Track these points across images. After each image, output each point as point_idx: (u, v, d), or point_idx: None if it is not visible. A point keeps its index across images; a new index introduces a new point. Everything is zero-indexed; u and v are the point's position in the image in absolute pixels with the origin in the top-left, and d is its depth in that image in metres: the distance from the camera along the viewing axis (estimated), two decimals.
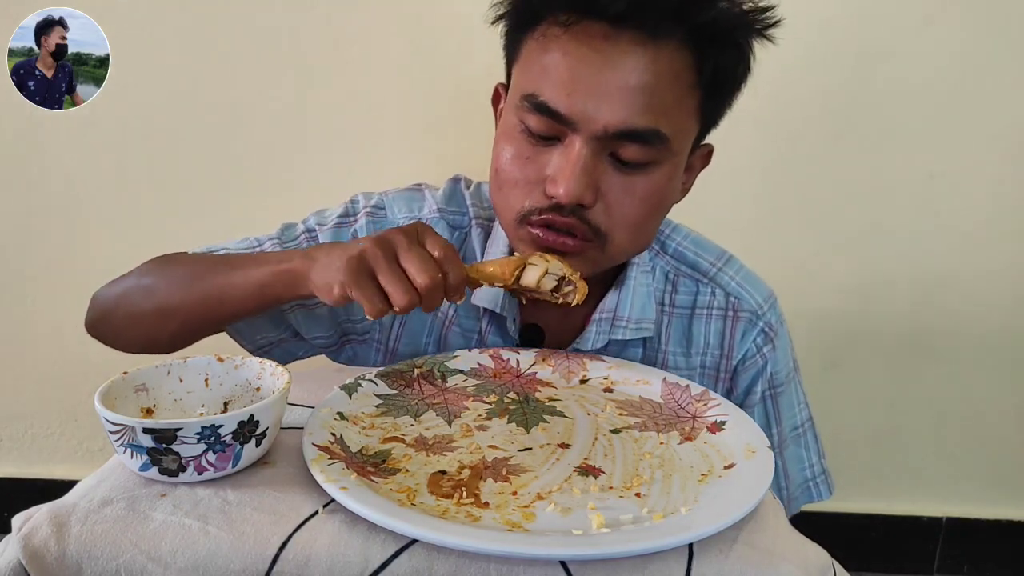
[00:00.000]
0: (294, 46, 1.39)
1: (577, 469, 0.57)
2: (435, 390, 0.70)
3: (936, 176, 1.44)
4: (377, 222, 0.84)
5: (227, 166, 1.46)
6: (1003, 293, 1.49)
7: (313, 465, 0.52)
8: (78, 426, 1.63)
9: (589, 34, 0.66)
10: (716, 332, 0.84)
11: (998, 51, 1.37)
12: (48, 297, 1.54)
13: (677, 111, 0.69)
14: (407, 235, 0.62)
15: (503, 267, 0.66)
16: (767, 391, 0.85)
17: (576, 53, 0.67)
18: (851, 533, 1.62)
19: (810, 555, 0.49)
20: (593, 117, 0.66)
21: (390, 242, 0.61)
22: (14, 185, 1.47)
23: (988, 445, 1.59)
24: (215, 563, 0.46)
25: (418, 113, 1.43)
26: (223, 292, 0.71)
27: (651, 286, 0.83)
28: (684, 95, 0.69)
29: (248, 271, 0.70)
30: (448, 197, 0.86)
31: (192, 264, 0.76)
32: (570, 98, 0.67)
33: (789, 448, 0.87)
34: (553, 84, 0.67)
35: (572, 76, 0.67)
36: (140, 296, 0.77)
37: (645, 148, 0.68)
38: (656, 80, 0.66)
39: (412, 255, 0.61)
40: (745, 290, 0.85)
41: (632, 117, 0.66)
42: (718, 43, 0.68)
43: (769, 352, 0.84)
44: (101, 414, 0.50)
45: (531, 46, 0.71)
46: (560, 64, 0.67)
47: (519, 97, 0.70)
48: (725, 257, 0.86)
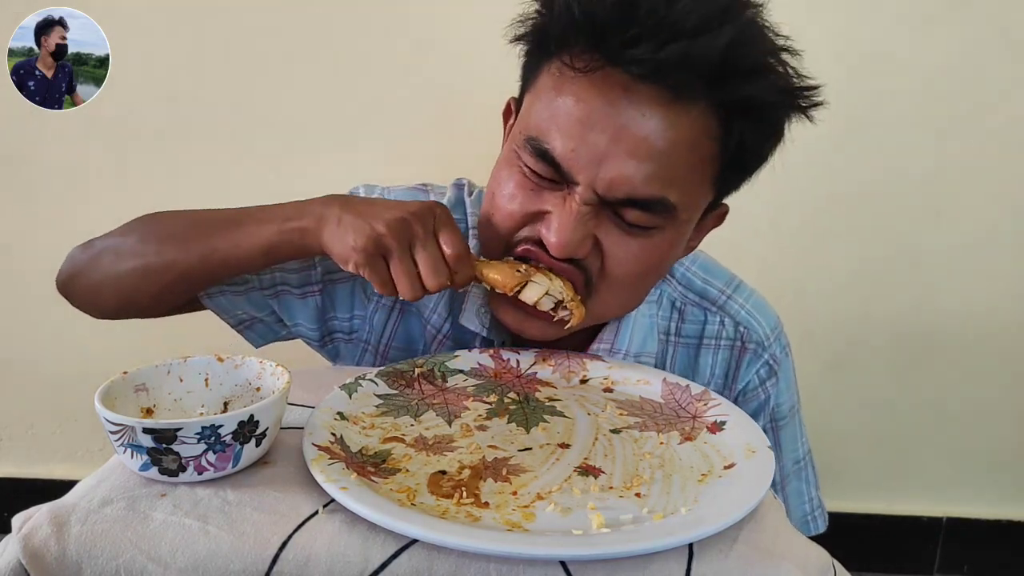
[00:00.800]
0: (294, 46, 1.39)
1: (577, 469, 0.57)
2: (435, 390, 0.70)
3: (936, 176, 1.44)
4: None
5: (227, 166, 1.46)
6: (1003, 293, 1.50)
7: (313, 465, 0.52)
8: (78, 426, 1.63)
9: (608, 83, 0.60)
10: (722, 362, 0.81)
11: (998, 51, 1.37)
12: (48, 297, 1.54)
13: (690, 181, 0.64)
14: (424, 225, 0.61)
15: (506, 277, 0.65)
16: (768, 425, 0.83)
17: (590, 103, 0.61)
18: (851, 533, 1.61)
19: (810, 555, 0.49)
20: (595, 178, 0.62)
21: (408, 232, 0.61)
22: (14, 185, 1.48)
23: (988, 445, 1.59)
24: (215, 563, 0.46)
25: (417, 114, 1.43)
26: (227, 252, 0.68)
27: (655, 316, 0.80)
28: (700, 165, 0.64)
29: (253, 229, 0.67)
30: (452, 204, 0.83)
31: (187, 222, 0.72)
32: (574, 154, 0.62)
33: (791, 483, 0.85)
34: (560, 133, 0.62)
35: (580, 130, 0.61)
36: (124, 254, 0.73)
37: (649, 215, 0.64)
38: (671, 148, 0.61)
39: (427, 253, 0.60)
40: (755, 319, 0.81)
41: (638, 185, 0.61)
42: (750, 118, 0.62)
43: (772, 386, 0.82)
44: (101, 414, 0.50)
45: (545, 79, 0.65)
46: (571, 112, 0.62)
47: (522, 136, 0.65)
48: (734, 283, 0.83)
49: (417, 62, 1.40)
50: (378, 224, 0.60)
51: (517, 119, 0.70)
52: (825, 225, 1.47)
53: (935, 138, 1.41)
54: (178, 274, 0.70)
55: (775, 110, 0.64)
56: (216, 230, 0.69)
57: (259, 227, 0.67)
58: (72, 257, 0.78)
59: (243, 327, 0.81)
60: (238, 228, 0.68)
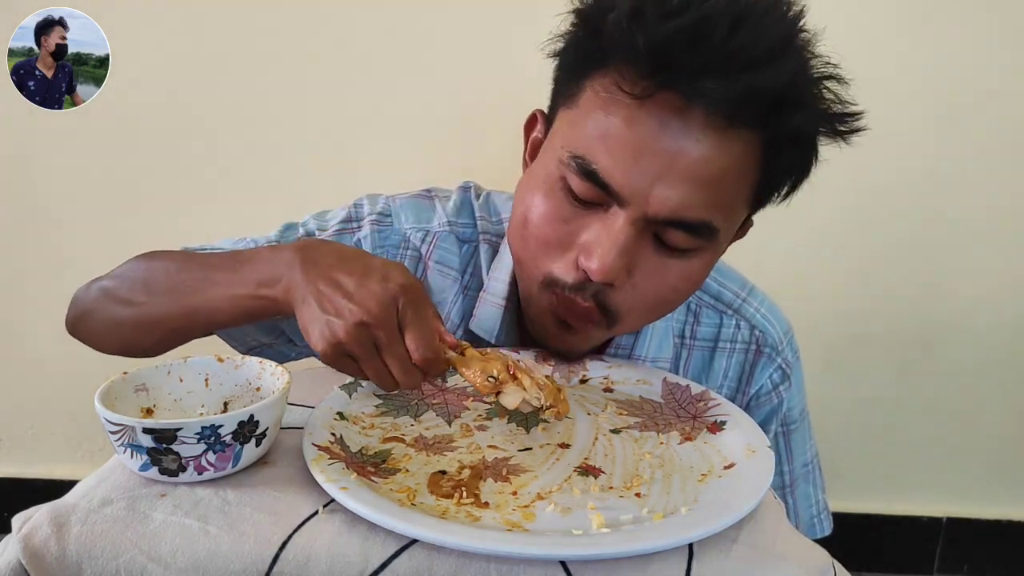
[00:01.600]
0: (294, 45, 1.39)
1: (577, 469, 0.57)
2: (435, 390, 0.70)
3: (936, 176, 1.44)
4: (383, 231, 0.79)
5: (227, 166, 1.46)
6: (1003, 293, 1.49)
7: (313, 465, 0.52)
8: (78, 426, 1.63)
9: (662, 107, 0.59)
10: (736, 365, 0.81)
11: (998, 51, 1.37)
12: (48, 297, 1.54)
13: (734, 206, 0.64)
14: (387, 329, 0.56)
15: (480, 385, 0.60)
16: (780, 429, 0.83)
17: (643, 126, 0.59)
18: (851, 533, 1.62)
19: (810, 555, 0.49)
20: (646, 200, 0.60)
21: (370, 338, 0.56)
22: (14, 184, 1.48)
23: (988, 445, 1.59)
24: (215, 563, 0.46)
25: (420, 113, 1.43)
26: (209, 314, 0.66)
27: (670, 320, 0.79)
28: (745, 190, 0.64)
29: (228, 285, 0.65)
30: (458, 209, 0.82)
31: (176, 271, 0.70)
32: (626, 175, 0.60)
33: (800, 487, 0.85)
34: (610, 154, 0.60)
35: (634, 152, 0.59)
36: (119, 303, 0.72)
37: (692, 238, 0.63)
38: (721, 173, 0.60)
39: (395, 359, 0.56)
40: (769, 323, 0.82)
41: (687, 209, 0.61)
42: (795, 146, 0.63)
43: (785, 391, 0.82)
44: (101, 414, 0.50)
45: (590, 96, 0.63)
46: (623, 135, 0.60)
47: (567, 153, 0.63)
48: (748, 287, 0.83)
49: (423, 61, 1.40)
50: (338, 329, 0.56)
51: (552, 134, 0.68)
52: (825, 224, 1.47)
53: (935, 138, 1.41)
54: (168, 329, 0.70)
55: (818, 137, 0.64)
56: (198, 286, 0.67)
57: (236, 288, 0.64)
58: (75, 300, 0.77)
59: (253, 353, 0.80)
60: (215, 287, 0.66)
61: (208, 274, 0.67)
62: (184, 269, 0.69)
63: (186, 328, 0.70)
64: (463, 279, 0.80)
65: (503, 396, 0.61)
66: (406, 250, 0.79)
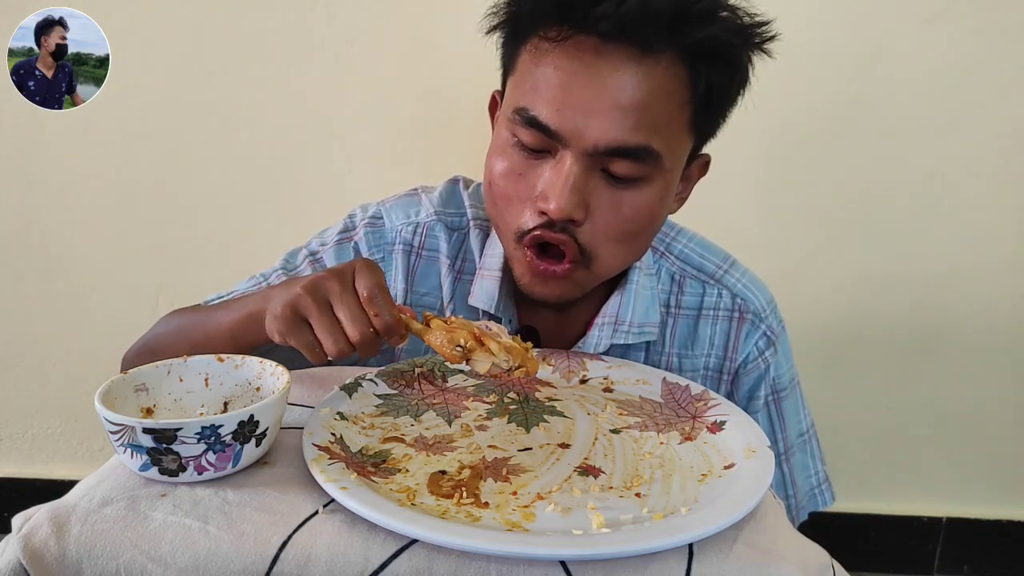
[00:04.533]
0: (294, 47, 1.39)
1: (577, 469, 0.57)
2: (435, 390, 0.70)
3: (936, 176, 1.44)
4: (376, 231, 0.84)
5: (227, 166, 1.46)
6: (1003, 293, 1.49)
7: (313, 465, 0.52)
8: (78, 426, 1.64)
9: (581, 49, 0.65)
10: (721, 333, 0.84)
11: (998, 51, 1.37)
12: (48, 297, 1.54)
13: (669, 128, 0.68)
14: (341, 280, 0.60)
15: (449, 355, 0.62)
16: (770, 396, 0.85)
17: (567, 68, 0.66)
18: (851, 533, 1.62)
19: (810, 555, 0.49)
20: (583, 134, 0.66)
21: (322, 289, 0.60)
22: (14, 185, 1.48)
23: (988, 445, 1.59)
24: (215, 563, 0.46)
25: (414, 115, 1.43)
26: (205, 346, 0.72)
27: (655, 289, 0.83)
28: (677, 112, 0.68)
29: (221, 321, 0.73)
30: (446, 199, 0.86)
31: (188, 318, 0.79)
32: (560, 114, 0.66)
33: (796, 456, 0.87)
34: (544, 99, 0.67)
35: (563, 92, 0.66)
36: (148, 354, 0.79)
37: (636, 164, 0.68)
38: (648, 97, 0.65)
39: (343, 305, 0.59)
40: (751, 291, 0.85)
41: (623, 134, 0.66)
42: (712, 60, 0.67)
43: (771, 356, 0.84)
44: (101, 414, 0.50)
45: (524, 58, 0.70)
46: (551, 79, 0.66)
47: (511, 110, 0.69)
48: (730, 260, 0.87)
49: (413, 63, 1.40)
50: (295, 287, 0.60)
51: (502, 105, 0.75)
52: (824, 224, 1.47)
53: (935, 137, 1.41)
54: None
55: (734, 49, 0.68)
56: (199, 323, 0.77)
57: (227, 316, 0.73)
58: (124, 359, 0.84)
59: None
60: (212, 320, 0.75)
61: (207, 314, 0.77)
62: (192, 314, 0.79)
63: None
64: (455, 264, 0.84)
65: (473, 363, 0.62)
66: (399, 245, 0.84)
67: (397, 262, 0.84)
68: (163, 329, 0.82)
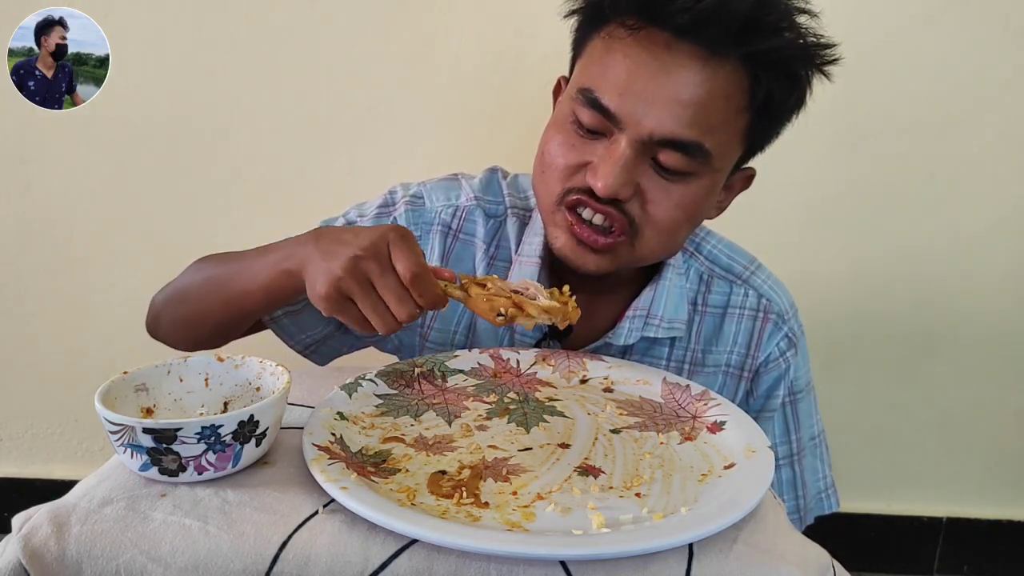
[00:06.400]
0: (296, 43, 1.39)
1: (577, 469, 0.57)
2: (435, 390, 0.70)
3: (936, 176, 1.44)
4: (416, 210, 0.85)
5: (230, 165, 1.46)
6: (1003, 293, 1.49)
7: (313, 465, 0.52)
8: (78, 426, 1.63)
9: (652, 41, 0.68)
10: (745, 331, 0.85)
11: (998, 51, 1.37)
12: (48, 297, 1.54)
13: (723, 130, 0.70)
14: (379, 259, 0.61)
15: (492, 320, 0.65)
16: (787, 397, 0.86)
17: (636, 57, 0.68)
18: (851, 533, 1.62)
19: (810, 555, 0.49)
20: (641, 121, 0.68)
21: (364, 271, 0.61)
22: (14, 185, 1.47)
23: (988, 445, 1.58)
24: (215, 563, 0.46)
25: (427, 111, 1.42)
26: (241, 298, 0.74)
27: (684, 287, 0.85)
28: (733, 116, 0.70)
29: (255, 270, 0.72)
30: (485, 186, 0.88)
31: (219, 266, 0.78)
32: (622, 98, 0.68)
33: (807, 458, 0.88)
34: (609, 83, 0.69)
35: (628, 78, 0.68)
36: (177, 303, 0.81)
37: (687, 159, 0.70)
38: (708, 97, 0.68)
39: (387, 289, 0.61)
40: (776, 293, 0.86)
41: (679, 128, 0.68)
42: (774, 71, 0.69)
43: (792, 357, 0.85)
44: (101, 414, 0.50)
45: (596, 44, 0.72)
46: (619, 65, 0.69)
47: (575, 89, 0.72)
48: (756, 263, 0.88)
49: (424, 60, 1.39)
50: (336, 266, 0.61)
51: (568, 84, 0.77)
52: (824, 223, 1.47)
53: (935, 137, 1.41)
54: (214, 324, 0.79)
55: (796, 64, 0.71)
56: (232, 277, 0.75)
57: (260, 266, 0.72)
58: (152, 305, 0.85)
59: (309, 351, 0.86)
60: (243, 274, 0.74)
61: (239, 264, 0.75)
62: (223, 264, 0.78)
63: (227, 318, 0.78)
64: (489, 250, 0.86)
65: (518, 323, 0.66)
66: (438, 226, 0.85)
67: (434, 242, 0.85)
68: (192, 278, 0.81)
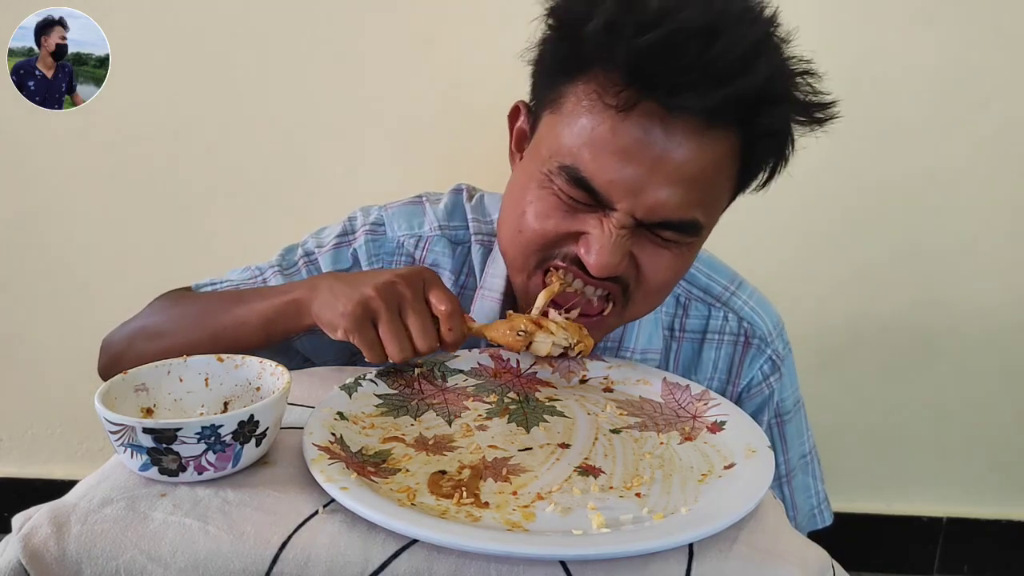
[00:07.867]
0: (295, 46, 1.39)
1: (577, 469, 0.57)
2: (435, 390, 0.70)
3: (936, 176, 1.44)
4: (376, 239, 0.82)
5: (228, 164, 1.46)
6: (1003, 293, 1.49)
7: (313, 465, 0.52)
8: (78, 426, 1.63)
9: (643, 114, 0.61)
10: (725, 357, 0.83)
11: (997, 51, 1.37)
12: (48, 297, 1.54)
13: (716, 200, 0.67)
14: (413, 287, 0.62)
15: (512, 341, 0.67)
16: (773, 420, 0.84)
17: (627, 134, 0.61)
18: (851, 533, 1.62)
19: (810, 555, 0.49)
20: (635, 203, 0.63)
21: (396, 294, 0.61)
22: (14, 185, 1.48)
23: (988, 445, 1.59)
24: (215, 563, 0.46)
25: (421, 114, 1.43)
26: (235, 330, 0.72)
27: (659, 313, 0.81)
28: (724, 184, 0.67)
29: (254, 306, 0.71)
30: (450, 211, 0.84)
31: (200, 303, 0.77)
32: (613, 183, 0.63)
33: (797, 477, 0.86)
34: (597, 162, 0.62)
35: (620, 162, 0.62)
36: (147, 340, 0.78)
37: (679, 234, 0.67)
38: (701, 173, 0.63)
39: (416, 316, 0.61)
40: (758, 315, 0.83)
41: (673, 211, 0.64)
42: (770, 138, 0.66)
43: (775, 381, 0.83)
44: (101, 414, 0.50)
45: (573, 103, 0.64)
46: (608, 143, 0.62)
47: (555, 164, 0.65)
48: (737, 281, 0.85)
49: (420, 61, 1.40)
50: (366, 288, 0.61)
51: (539, 138, 0.69)
52: (824, 224, 1.47)
53: (935, 137, 1.41)
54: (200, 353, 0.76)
55: (795, 129, 0.67)
56: (225, 308, 0.74)
57: (261, 302, 0.71)
58: (106, 345, 0.81)
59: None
60: (242, 305, 0.72)
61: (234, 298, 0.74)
62: (210, 300, 0.76)
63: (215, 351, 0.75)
64: (459, 279, 0.83)
65: (534, 346, 0.68)
66: (400, 256, 0.82)
67: None
68: (165, 315, 0.79)
